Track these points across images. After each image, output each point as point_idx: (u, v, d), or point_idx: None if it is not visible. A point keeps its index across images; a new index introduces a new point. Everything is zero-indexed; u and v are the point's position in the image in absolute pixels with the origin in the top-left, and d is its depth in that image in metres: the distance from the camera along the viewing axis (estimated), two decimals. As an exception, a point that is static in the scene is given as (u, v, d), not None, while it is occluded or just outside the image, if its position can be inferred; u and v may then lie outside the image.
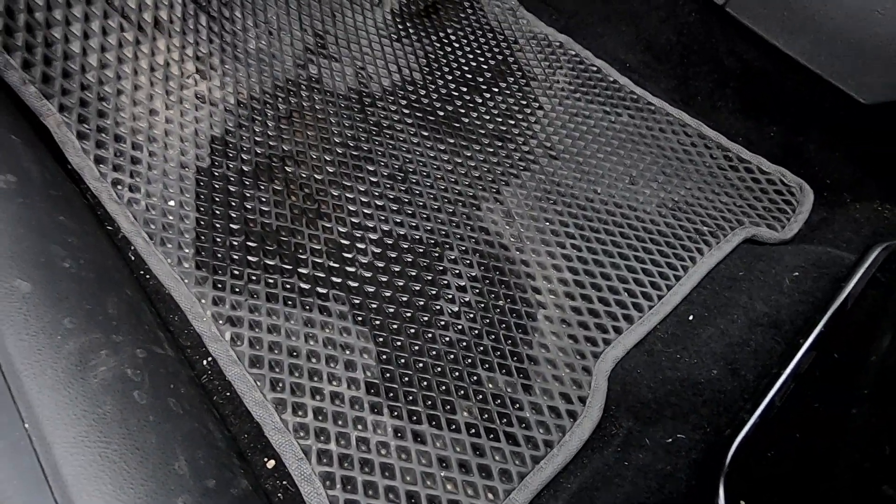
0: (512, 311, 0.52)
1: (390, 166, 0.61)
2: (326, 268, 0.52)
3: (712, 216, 0.61)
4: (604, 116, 0.71)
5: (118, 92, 0.55)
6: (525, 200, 0.61)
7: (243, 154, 0.58)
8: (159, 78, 0.58)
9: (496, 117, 0.69)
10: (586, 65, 0.77)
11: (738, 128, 0.68)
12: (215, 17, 0.65)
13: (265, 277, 0.50)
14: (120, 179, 0.51)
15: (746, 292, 0.50)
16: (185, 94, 0.59)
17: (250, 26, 0.68)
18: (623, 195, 0.63)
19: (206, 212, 0.53)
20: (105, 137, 0.52)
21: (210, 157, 0.57)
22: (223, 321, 0.46)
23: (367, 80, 0.70)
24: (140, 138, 0.55)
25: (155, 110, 0.57)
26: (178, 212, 0.52)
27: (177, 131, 0.57)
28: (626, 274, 0.55)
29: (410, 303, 0.51)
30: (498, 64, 0.77)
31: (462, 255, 0.55)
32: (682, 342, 0.48)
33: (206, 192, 0.54)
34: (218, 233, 0.52)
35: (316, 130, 0.63)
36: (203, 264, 0.49)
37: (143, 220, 0.50)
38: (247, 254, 0.51)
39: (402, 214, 0.57)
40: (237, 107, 0.62)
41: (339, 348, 0.47)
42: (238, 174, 0.57)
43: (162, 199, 0.52)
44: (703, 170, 0.67)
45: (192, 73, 0.61)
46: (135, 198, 0.51)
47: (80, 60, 0.52)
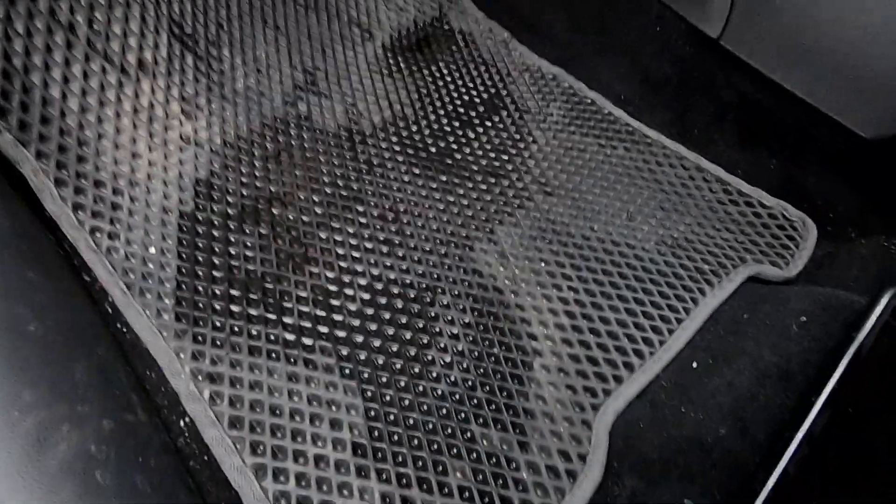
0: (507, 360, 0.49)
1: (381, 206, 0.60)
2: (313, 317, 0.50)
3: (713, 253, 0.59)
4: (599, 150, 0.70)
5: (99, 136, 0.53)
6: (520, 240, 0.59)
7: (229, 196, 0.57)
8: (143, 120, 0.57)
9: (489, 153, 0.68)
10: (580, 97, 0.76)
11: (737, 160, 0.67)
12: (202, 57, 0.64)
13: (248, 328, 0.48)
14: (99, 227, 0.50)
15: (753, 338, 0.48)
16: (169, 136, 0.58)
17: (239, 65, 0.67)
18: (621, 232, 0.61)
19: (189, 259, 0.51)
20: (84, 183, 0.51)
21: (194, 201, 0.55)
22: (202, 378, 0.44)
23: (357, 116, 0.68)
24: (121, 183, 0.53)
25: (138, 153, 0.55)
26: (159, 259, 0.50)
27: (160, 174, 0.56)
28: (625, 317, 0.53)
29: (401, 353, 0.49)
30: (491, 98, 0.76)
31: (455, 299, 0.53)
32: (686, 393, 0.46)
33: (189, 237, 0.52)
34: (200, 281, 0.50)
35: (304, 170, 0.61)
36: (183, 315, 0.47)
37: (122, 269, 0.48)
38: (229, 303, 0.49)
39: (393, 257, 0.55)
40: (223, 147, 0.60)
41: (325, 405, 0.44)
42: (223, 218, 0.55)
43: (142, 246, 0.50)
44: (702, 204, 0.65)
45: (178, 114, 0.59)
46: (114, 246, 0.49)
47: (59, 105, 0.51)
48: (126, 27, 0.57)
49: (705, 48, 0.65)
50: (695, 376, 0.47)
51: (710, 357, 0.49)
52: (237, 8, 0.69)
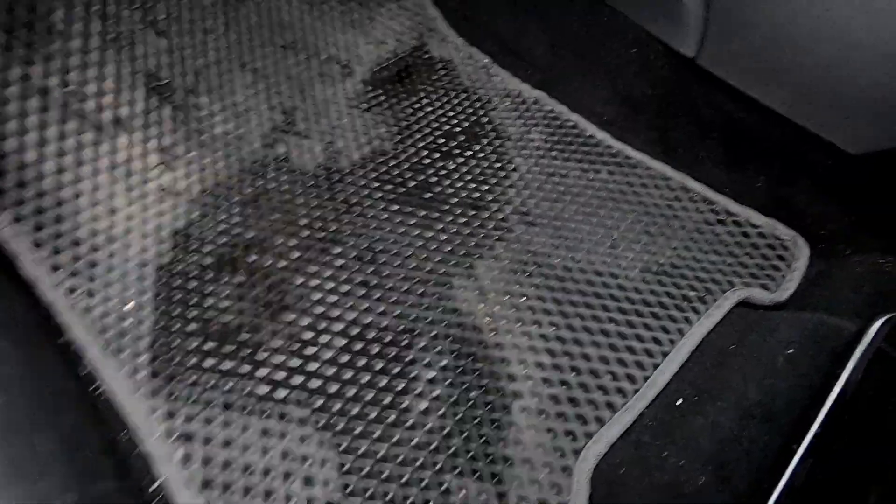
0: (485, 404, 0.48)
1: (358, 247, 0.59)
2: (287, 368, 0.49)
3: (701, 279, 0.58)
4: (581, 174, 0.69)
5: (77, 195, 0.54)
6: (499, 274, 0.58)
7: (206, 245, 0.57)
8: (121, 175, 0.58)
9: (469, 183, 0.67)
10: (562, 120, 0.75)
11: (724, 180, 0.65)
12: (180, 106, 0.65)
13: (222, 383, 0.48)
14: (77, 286, 0.50)
15: (739, 371, 0.46)
16: (148, 188, 0.59)
17: (217, 110, 0.68)
18: (604, 261, 0.59)
19: (165, 313, 0.51)
20: (62, 243, 0.52)
21: (171, 252, 0.56)
22: (175, 437, 0.44)
23: (335, 154, 0.69)
24: (100, 239, 0.54)
25: (116, 208, 0.56)
26: (135, 315, 0.50)
27: (139, 228, 0.56)
28: (607, 353, 0.51)
29: (376, 400, 0.48)
30: (472, 125, 0.75)
31: (432, 341, 0.52)
32: (669, 433, 0.44)
33: (166, 290, 0.53)
34: (176, 335, 0.50)
35: (282, 213, 0.62)
36: (157, 373, 0.47)
37: (99, 327, 0.49)
38: (204, 358, 0.49)
39: (369, 300, 0.55)
40: (202, 195, 0.61)
41: (298, 460, 0.44)
42: (200, 268, 0.55)
43: (119, 302, 0.51)
44: (689, 226, 0.63)
45: (156, 165, 0.60)
46: (91, 304, 0.50)
47: (35, 169, 0.52)
48: (100, 86, 0.58)
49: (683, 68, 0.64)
50: (679, 415, 0.45)
51: (695, 392, 0.47)
52: (215, 53, 0.71)
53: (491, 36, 0.87)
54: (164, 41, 0.65)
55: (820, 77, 0.53)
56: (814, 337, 0.46)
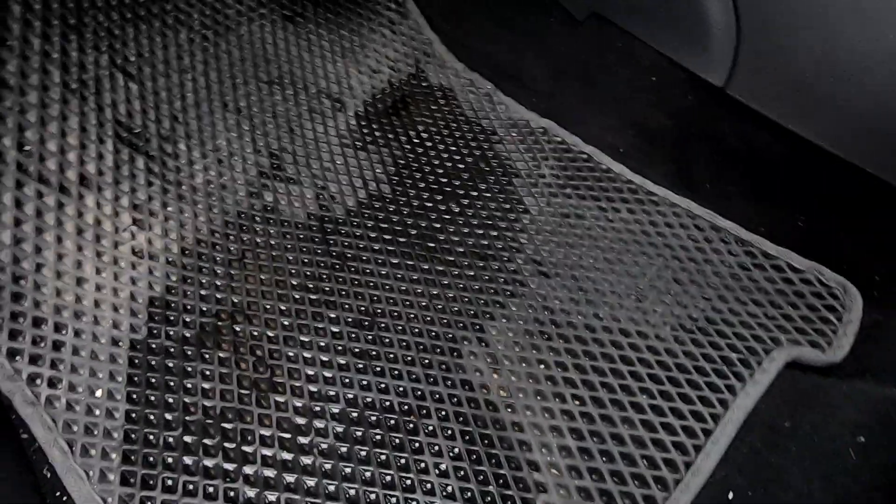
0: (505, 500, 0.42)
1: (355, 309, 0.53)
2: (279, 462, 0.43)
3: (741, 335, 0.51)
4: (599, 214, 0.63)
5: (38, 266, 0.48)
6: (514, 338, 0.52)
7: (186, 315, 0.51)
8: (88, 239, 0.52)
9: (476, 229, 0.61)
10: (574, 152, 0.69)
11: (757, 218, 0.59)
12: (154, 157, 0.59)
13: (204, 485, 0.42)
14: (38, 373, 0.44)
15: (797, 461, 0.40)
16: (120, 252, 0.53)
17: (197, 158, 0.62)
18: (631, 317, 0.53)
19: (139, 400, 0.45)
20: (21, 324, 0.46)
21: (147, 325, 0.50)
22: (149, 560, 0.38)
23: (328, 201, 0.63)
24: (65, 316, 0.48)
25: (83, 278, 0.50)
26: (106, 405, 0.44)
27: (109, 298, 0.50)
28: (641, 433, 0.45)
29: (379, 500, 0.42)
30: (476, 161, 0.69)
31: (442, 422, 0.46)
32: (723, 541, 0.38)
33: (141, 372, 0.47)
34: (151, 428, 0.44)
35: (271, 272, 0.56)
36: (130, 475, 0.41)
37: (63, 422, 0.43)
38: (183, 454, 0.43)
39: (370, 373, 0.49)
40: (181, 256, 0.55)
41: (291, 583, 0.38)
42: (179, 342, 0.49)
43: (88, 390, 0.45)
44: (722, 271, 0.57)
45: (129, 226, 0.54)
46: (54, 394, 0.44)
47: (-12, 243, 0.46)
48: (63, 143, 0.52)
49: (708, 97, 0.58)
50: (732, 515, 0.39)
51: (747, 484, 0.40)
52: (193, 95, 0.65)
53: (488, 60, 0.81)
54: (135, 86, 0.59)
55: (869, 109, 0.47)
56: (886, 418, 0.39)
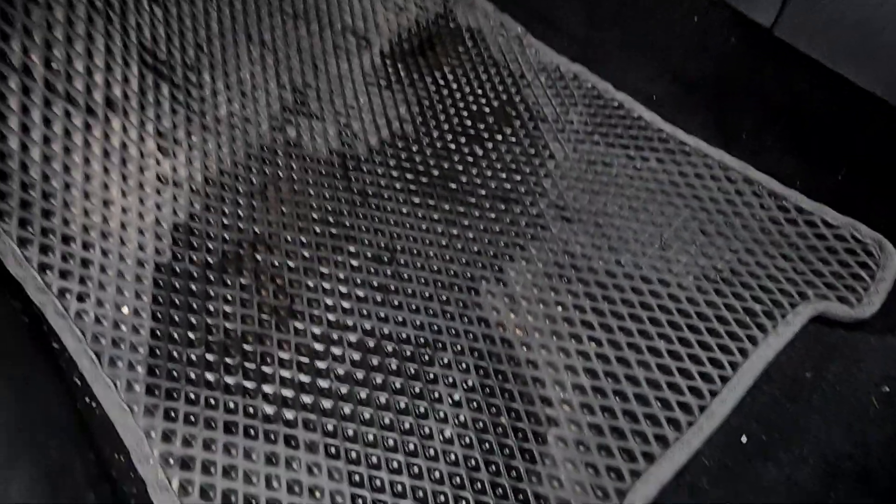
0: (517, 432, 0.43)
1: (375, 245, 0.53)
2: (297, 383, 0.44)
3: (766, 288, 0.50)
4: (627, 162, 0.61)
5: (67, 185, 0.49)
6: (533, 279, 0.51)
7: (209, 242, 0.52)
8: (115, 162, 0.52)
9: (499, 173, 0.60)
10: (605, 99, 0.66)
11: (795, 171, 0.56)
12: (179, 85, 0.58)
13: (225, 400, 0.43)
14: (67, 288, 0.46)
15: (818, 410, 0.39)
16: (145, 177, 0.54)
17: (221, 89, 0.61)
18: (653, 265, 0.52)
19: (163, 319, 0.46)
20: (51, 240, 0.47)
21: (171, 249, 0.51)
22: (173, 463, 0.40)
23: (351, 139, 0.62)
24: (92, 235, 0.49)
25: (110, 200, 0.51)
26: (132, 321, 0.46)
27: (135, 222, 0.51)
28: (657, 376, 0.45)
29: (394, 425, 0.43)
30: (502, 105, 0.67)
31: (457, 356, 0.46)
32: (734, 481, 0.38)
33: (165, 293, 0.48)
34: (175, 345, 0.45)
35: (292, 205, 0.56)
36: (155, 387, 0.43)
37: (92, 334, 0.44)
38: (206, 370, 0.44)
39: (388, 306, 0.49)
40: (205, 185, 0.55)
41: (307, 493, 0.39)
42: (202, 267, 0.50)
43: (114, 307, 0.46)
44: (752, 225, 0.55)
45: (154, 152, 0.55)
46: (83, 308, 0.45)
47: (18, 158, 0.47)
48: (89, 63, 0.52)
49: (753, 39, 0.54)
50: (744, 457, 0.39)
51: (763, 431, 0.40)
52: (217, 25, 0.64)
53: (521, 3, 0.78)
54: (160, 10, 0.58)
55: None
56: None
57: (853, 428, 0.37)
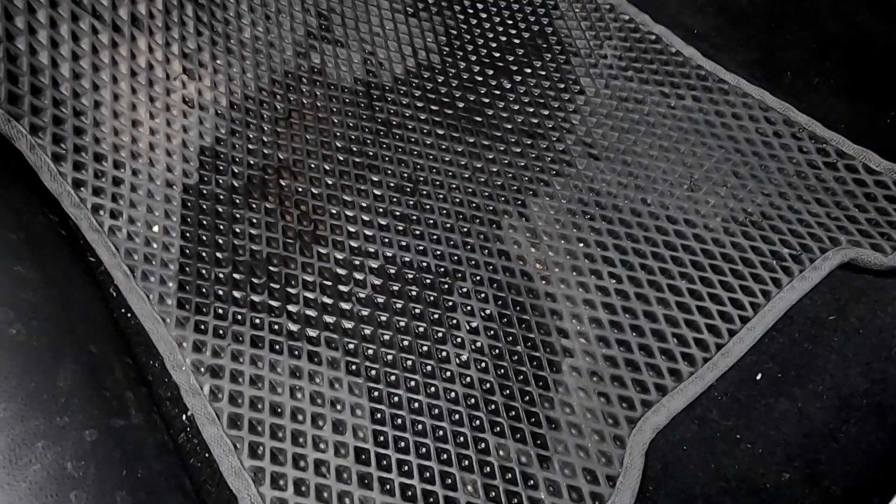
0: (531, 360, 0.44)
1: (398, 175, 0.53)
2: (320, 304, 0.46)
3: (797, 233, 0.49)
4: (661, 100, 0.58)
5: (96, 104, 0.50)
6: (555, 215, 0.51)
7: (234, 166, 0.52)
8: (142, 83, 0.52)
9: (526, 107, 0.59)
10: (642, 33, 0.63)
11: (841, 113, 0.53)
12: (203, 6, 0.57)
13: (251, 317, 0.45)
14: (100, 204, 0.47)
15: (837, 349, 0.39)
16: (171, 100, 0.54)
17: (245, 11, 0.60)
18: (680, 206, 0.51)
19: (192, 238, 0.48)
20: (84, 157, 0.48)
21: (198, 172, 0.51)
22: (203, 370, 0.42)
23: (376, 67, 0.60)
24: (122, 155, 0.50)
25: (138, 121, 0.51)
26: (162, 239, 0.47)
27: (163, 143, 0.52)
28: (675, 313, 0.45)
29: (412, 348, 0.44)
30: (532, 37, 0.64)
31: (476, 286, 0.47)
32: (744, 413, 0.38)
33: (193, 214, 0.49)
34: (203, 263, 0.47)
35: (316, 133, 0.55)
36: (186, 302, 0.45)
37: (125, 250, 0.46)
38: (233, 288, 0.46)
39: (409, 236, 0.50)
40: (230, 110, 0.55)
41: (328, 404, 0.41)
42: (228, 191, 0.51)
43: (145, 224, 0.48)
44: (788, 168, 0.53)
45: (179, 74, 0.54)
46: (116, 225, 0.47)
47: (49, 73, 0.47)
48: (113, -24, 0.51)
49: (813, -37, 0.50)
50: (757, 393, 0.39)
51: (779, 369, 0.40)
52: (241, -58, 0.61)
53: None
54: (183, -77, 0.56)
55: None
56: (944, 316, 0.37)
57: (872, 367, 0.37)
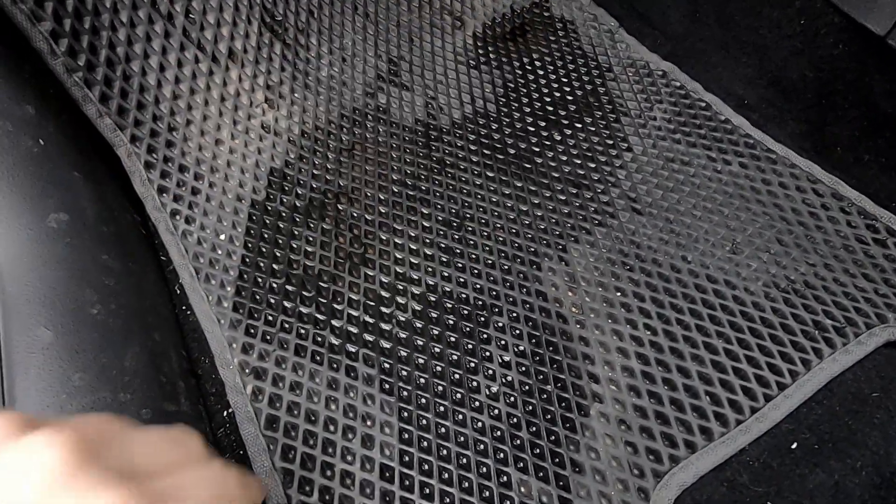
0: (560, 401, 0.44)
1: (447, 210, 0.56)
2: (362, 322, 0.48)
3: (841, 306, 0.48)
4: (707, 164, 0.60)
5: (188, 122, 0.56)
6: (595, 263, 0.52)
7: (299, 188, 0.57)
8: (228, 108, 0.59)
9: (574, 158, 0.61)
10: (692, 99, 0.66)
11: (891, 191, 0.53)
12: (290, 45, 0.64)
13: (298, 327, 0.48)
14: (178, 210, 0.52)
15: (880, 427, 0.38)
16: (251, 124, 0.59)
17: (325, 53, 0.66)
18: (721, 266, 0.52)
19: (253, 249, 0.52)
20: (170, 167, 0.54)
21: (266, 191, 0.56)
22: (248, 371, 0.45)
23: (436, 111, 0.65)
24: (203, 168, 0.55)
25: (221, 140, 0.57)
26: (227, 247, 0.51)
27: (239, 162, 0.57)
28: (710, 372, 0.45)
29: (444, 374, 0.46)
30: (585, 95, 0.68)
31: (512, 322, 0.49)
32: (776, 481, 0.37)
33: (257, 227, 0.53)
34: (260, 273, 0.50)
35: (375, 165, 0.60)
36: (240, 306, 0.48)
37: (193, 253, 0.50)
38: (284, 298, 0.49)
39: (452, 267, 0.52)
40: (301, 137, 0.61)
41: (360, 418, 0.43)
42: (290, 210, 0.55)
43: (214, 232, 0.52)
44: (834, 241, 0.53)
45: (261, 103, 0.60)
46: (189, 230, 0.51)
47: (154, 92, 0.54)
48: (220, 16, 0.58)
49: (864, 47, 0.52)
50: (791, 462, 0.38)
51: (816, 440, 0.39)
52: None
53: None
54: (283, -25, 0.64)
55: None
56: None
57: (916, 448, 0.35)
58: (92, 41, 0.50)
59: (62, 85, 0.48)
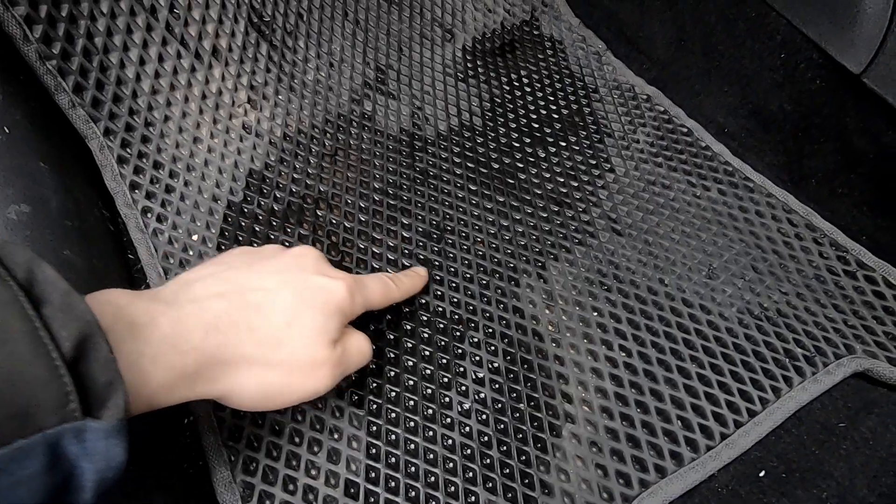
0: (533, 420, 0.44)
1: (427, 221, 0.56)
2: (334, 332, 0.47)
3: (812, 335, 0.49)
4: (687, 188, 0.61)
5: (165, 118, 0.54)
6: (573, 281, 0.52)
7: (277, 192, 0.56)
8: (209, 106, 0.57)
9: (557, 176, 0.62)
10: (675, 124, 0.67)
11: (864, 224, 0.55)
12: (276, 47, 0.63)
13: (267, 334, 0.46)
14: (150, 208, 0.50)
15: (845, 458, 0.38)
16: (232, 124, 0.58)
17: (312, 57, 0.66)
18: (697, 291, 0.52)
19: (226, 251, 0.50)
20: (144, 164, 0.52)
21: (244, 192, 0.55)
22: (212, 379, 0.43)
23: (422, 122, 0.65)
24: (179, 166, 0.54)
25: (199, 138, 0.56)
26: (199, 248, 0.50)
27: (217, 161, 0.56)
28: (682, 396, 0.45)
29: (416, 389, 0.45)
30: (571, 114, 0.69)
31: (487, 338, 0.48)
32: (743, 509, 0.37)
33: (231, 229, 0.52)
34: (232, 276, 0.49)
35: (357, 172, 0.59)
36: (209, 310, 0.46)
37: (163, 252, 0.49)
38: (255, 304, 0.48)
39: (430, 280, 0.51)
40: (282, 140, 0.60)
41: (327, 431, 0.42)
42: (267, 213, 0.54)
43: (186, 232, 0.51)
44: (807, 271, 0.54)
45: (244, 103, 0.59)
46: (160, 228, 0.50)
47: (132, 85, 0.52)
48: (205, 13, 0.57)
49: (840, 84, 0.53)
50: (759, 490, 0.38)
51: (784, 469, 0.39)
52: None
53: (609, 18, 0.79)
54: (273, -24, 0.64)
55: None
56: (957, 439, 0.37)
57: (879, 480, 0.36)
58: (69, 29, 0.48)
59: (34, 72, 0.46)
